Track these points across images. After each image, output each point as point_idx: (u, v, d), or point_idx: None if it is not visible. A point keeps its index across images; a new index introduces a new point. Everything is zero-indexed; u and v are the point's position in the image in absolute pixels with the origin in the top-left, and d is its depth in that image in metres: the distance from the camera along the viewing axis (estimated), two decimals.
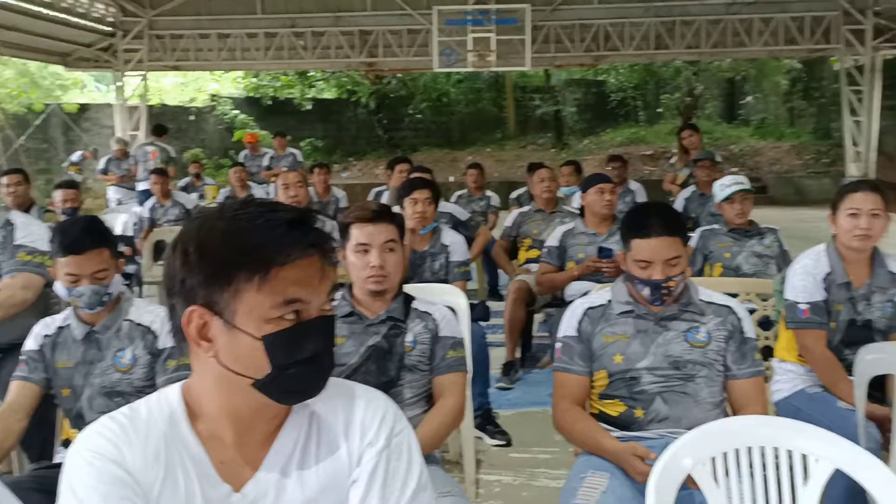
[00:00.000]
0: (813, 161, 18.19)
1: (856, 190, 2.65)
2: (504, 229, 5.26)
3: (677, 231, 2.14)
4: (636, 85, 21.78)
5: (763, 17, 14.88)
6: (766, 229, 4.14)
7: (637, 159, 17.98)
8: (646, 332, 2.18)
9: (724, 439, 1.56)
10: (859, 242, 2.60)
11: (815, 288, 2.64)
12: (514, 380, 4.52)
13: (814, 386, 2.65)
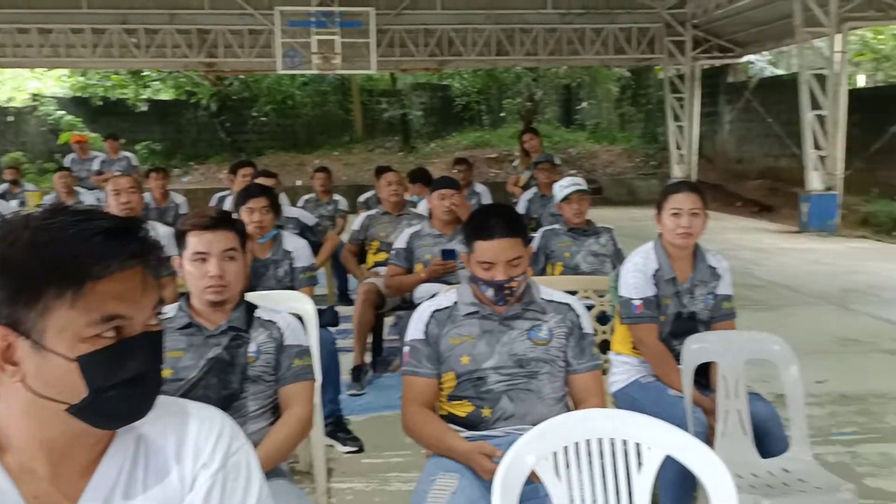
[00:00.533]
0: (642, 163, 19.41)
1: (677, 191, 2.83)
2: (352, 233, 5.22)
3: (518, 232, 2.19)
4: (480, 90, 22.34)
5: (594, 28, 15.70)
6: (601, 228, 4.36)
7: (482, 162, 18.44)
8: (491, 332, 2.22)
9: (563, 434, 1.61)
10: (682, 240, 2.78)
11: (646, 284, 2.80)
12: (365, 384, 4.49)
13: (647, 376, 2.81)
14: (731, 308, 2.88)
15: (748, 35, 15.80)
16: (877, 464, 3.38)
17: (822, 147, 11.92)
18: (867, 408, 4.11)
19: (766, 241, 10.99)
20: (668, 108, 16.90)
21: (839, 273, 8.26)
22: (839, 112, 11.72)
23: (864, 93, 14.35)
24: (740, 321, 2.92)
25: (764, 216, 14.38)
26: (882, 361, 5.01)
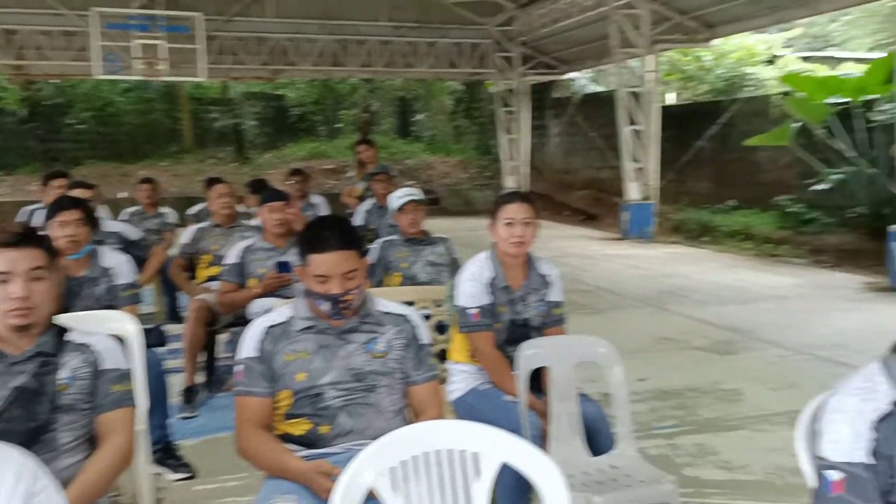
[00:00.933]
0: (477, 174, 19.96)
1: (510, 201, 2.92)
2: (180, 247, 4.97)
3: (353, 244, 2.16)
4: (316, 100, 22.12)
5: (428, 41, 16.00)
6: (438, 238, 4.42)
7: (320, 173, 18.23)
8: (328, 346, 2.17)
9: (401, 448, 1.60)
10: (515, 249, 2.86)
11: (482, 293, 2.86)
12: (197, 406, 4.27)
13: (484, 383, 2.86)
14: (561, 314, 3.00)
15: (571, 53, 16.71)
16: (693, 454, 3.65)
17: (639, 160, 12.80)
18: (684, 402, 4.43)
19: (591, 248, 11.63)
20: (499, 121, 17.53)
21: (656, 277, 8.88)
22: (653, 127, 12.64)
23: (674, 110, 15.55)
24: (570, 325, 3.04)
25: (589, 224, 15.22)
26: (695, 358, 5.43)
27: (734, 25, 12.72)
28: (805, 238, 10.67)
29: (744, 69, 15.83)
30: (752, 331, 6.16)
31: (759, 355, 5.46)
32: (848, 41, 22.03)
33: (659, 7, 12.38)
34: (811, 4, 10.90)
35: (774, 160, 12.35)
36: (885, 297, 7.50)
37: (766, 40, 17.33)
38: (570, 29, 14.75)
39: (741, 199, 13.02)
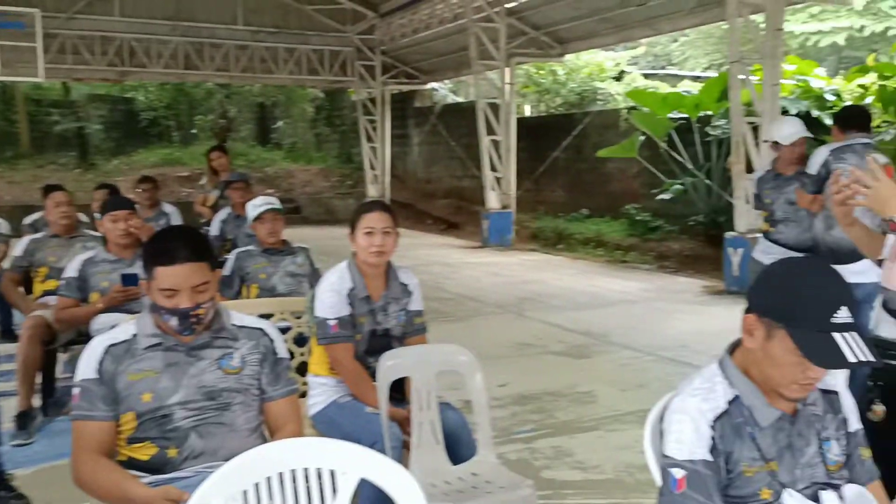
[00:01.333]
0: (339, 183, 19.79)
1: (370, 210, 2.89)
2: (13, 259, 4.59)
3: (203, 256, 2.06)
4: (168, 104, 21.18)
5: (287, 48, 15.72)
6: (298, 248, 4.32)
7: (173, 181, 17.47)
8: (177, 364, 2.06)
9: (254, 469, 1.53)
10: (376, 258, 2.83)
11: (341, 303, 2.81)
12: (33, 432, 3.95)
13: (345, 396, 2.81)
14: (422, 323, 3.00)
15: (432, 64, 16.93)
16: (550, 456, 3.75)
17: (498, 169, 13.13)
18: (542, 405, 4.56)
19: (453, 256, 11.79)
20: (361, 129, 17.47)
21: (516, 283, 9.13)
22: (510, 138, 13.01)
23: (531, 121, 16.10)
24: (432, 333, 3.05)
25: (451, 233, 15.44)
26: (552, 362, 5.60)
27: (584, 42, 13.34)
28: (651, 245, 11.31)
29: (594, 84, 16.63)
30: (604, 334, 6.44)
31: (611, 358, 5.71)
32: (686, 60, 23.64)
33: (515, 22, 12.78)
34: (653, 25, 11.60)
35: (623, 171, 13.03)
36: (721, 299, 8.07)
37: (614, 57, 18.30)
38: (431, 40, 14.95)
39: (593, 208, 13.64)
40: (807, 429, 1.60)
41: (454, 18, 13.45)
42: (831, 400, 1.66)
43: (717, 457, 1.52)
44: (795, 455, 1.57)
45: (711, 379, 1.61)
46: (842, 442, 1.63)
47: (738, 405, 1.57)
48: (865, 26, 18.71)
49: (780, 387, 1.52)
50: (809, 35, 19.26)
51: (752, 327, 1.54)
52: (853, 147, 4.01)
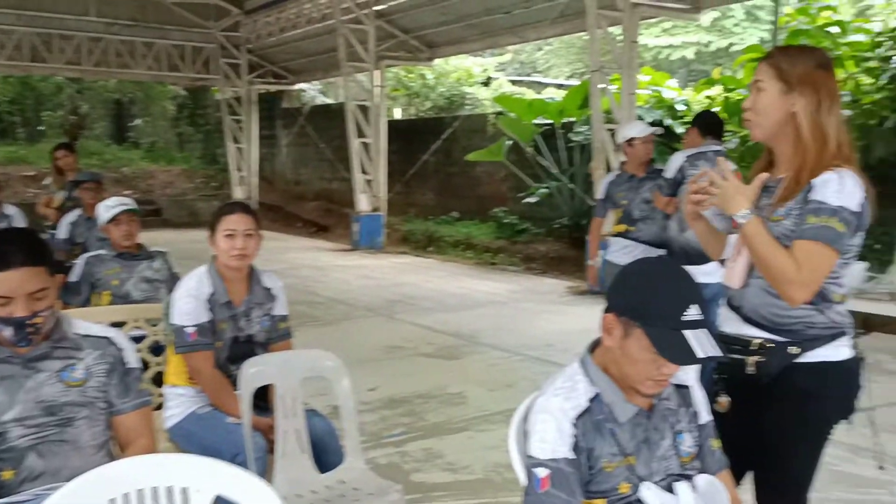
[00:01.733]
0: (203, 185, 19.05)
1: (231, 212, 2.77)
2: None
3: (40, 260, 1.89)
4: (13, 99, 19.71)
5: (145, 42, 14.99)
6: (155, 252, 4.08)
7: (17, 181, 16.22)
8: (12, 377, 1.88)
9: (98, 490, 1.41)
10: (237, 262, 2.72)
11: (200, 310, 2.67)
12: None
13: (204, 406, 2.68)
14: (287, 328, 2.90)
15: (299, 64, 16.63)
16: (420, 459, 3.74)
17: (368, 172, 13.06)
18: (412, 408, 4.54)
19: (323, 259, 11.61)
20: (226, 129, 16.90)
21: (386, 286, 9.09)
22: (381, 140, 12.98)
23: (401, 124, 16.12)
24: (302, 338, 2.97)
25: (321, 235, 15.22)
26: (422, 364, 5.61)
27: (452, 47, 13.51)
28: (519, 247, 11.60)
29: (463, 89, 16.88)
30: (473, 335, 6.52)
31: (480, 358, 5.78)
32: (550, 68, 24.47)
33: (384, 24, 12.76)
34: (518, 33, 11.91)
35: (492, 174, 13.29)
36: (584, 299, 8.36)
37: (482, 63, 18.67)
38: (299, 39, 14.68)
39: (463, 211, 13.83)
40: (662, 423, 1.66)
41: (322, 18, 13.27)
42: (684, 394, 1.73)
43: (580, 454, 1.55)
44: (652, 448, 1.63)
45: (573, 378, 1.65)
46: (694, 434, 1.71)
47: (598, 402, 1.61)
48: (712, 42, 20.04)
49: (636, 383, 1.57)
50: (662, 48, 20.42)
51: (611, 326, 1.58)
52: (706, 154, 4.25)
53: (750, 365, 1.93)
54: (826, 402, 1.95)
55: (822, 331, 1.92)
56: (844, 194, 1.83)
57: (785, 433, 1.95)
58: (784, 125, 1.94)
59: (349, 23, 12.51)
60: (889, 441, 4.03)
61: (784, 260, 1.82)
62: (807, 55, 1.96)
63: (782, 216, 1.90)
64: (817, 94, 1.90)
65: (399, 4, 12.27)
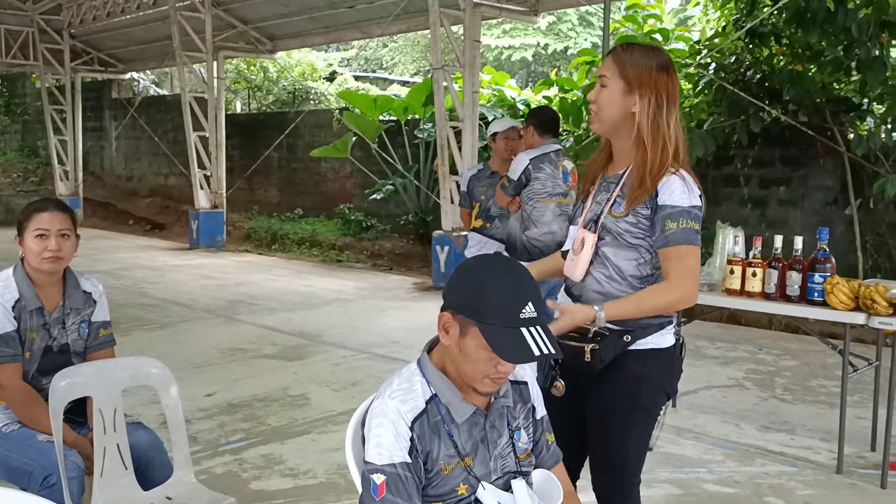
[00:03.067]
0: (21, 179, 17.52)
1: (43, 210, 2.52)
2: None
3: None
4: None
5: None
6: None
7: None
8: None
9: None
10: (50, 265, 2.48)
11: (5, 317, 2.42)
12: None
13: (11, 424, 2.42)
14: (109, 335, 2.68)
15: (130, 52, 15.67)
16: (261, 466, 3.60)
17: (207, 167, 12.52)
18: (252, 412, 4.37)
19: (159, 259, 11.00)
20: (48, 119, 15.61)
21: (227, 286, 8.74)
22: (220, 134, 12.46)
23: (242, 118, 15.55)
24: (134, 344, 2.78)
25: (156, 234, 14.43)
26: (264, 366, 5.42)
27: (295, 41, 13.19)
28: (365, 244, 11.52)
29: (307, 83, 16.55)
30: (318, 334, 6.39)
31: (324, 358, 5.67)
32: (395, 65, 24.55)
33: (222, 13, 12.25)
34: (362, 28, 11.82)
35: (337, 171, 13.13)
36: (429, 295, 8.43)
37: (326, 58, 18.40)
38: (128, 26, 13.83)
39: (308, 208, 13.57)
40: (499, 420, 1.66)
41: (154, 4, 12.54)
42: (521, 390, 1.73)
43: (417, 458, 1.52)
44: (489, 447, 1.62)
45: (410, 378, 1.61)
46: (529, 430, 1.72)
47: (435, 403, 1.58)
48: (549, 44, 20.87)
49: (474, 382, 1.55)
50: (503, 49, 21.03)
51: (448, 325, 1.55)
52: (549, 156, 4.35)
53: (586, 352, 1.99)
54: (654, 385, 2.06)
55: (652, 319, 2.02)
56: (690, 194, 1.95)
57: (619, 416, 2.04)
58: (624, 122, 2.02)
59: (184, 10, 11.92)
60: (708, 422, 4.34)
61: (654, 296, 1.95)
62: (649, 56, 2.03)
63: (623, 213, 1.99)
64: (657, 96, 1.98)
65: None
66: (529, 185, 4.33)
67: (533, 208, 4.32)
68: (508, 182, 4.39)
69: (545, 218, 4.32)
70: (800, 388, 5.07)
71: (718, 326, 6.85)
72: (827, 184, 7.53)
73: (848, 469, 3.64)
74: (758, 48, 7.38)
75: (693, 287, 1.95)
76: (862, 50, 6.33)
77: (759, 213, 7.90)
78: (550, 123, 4.48)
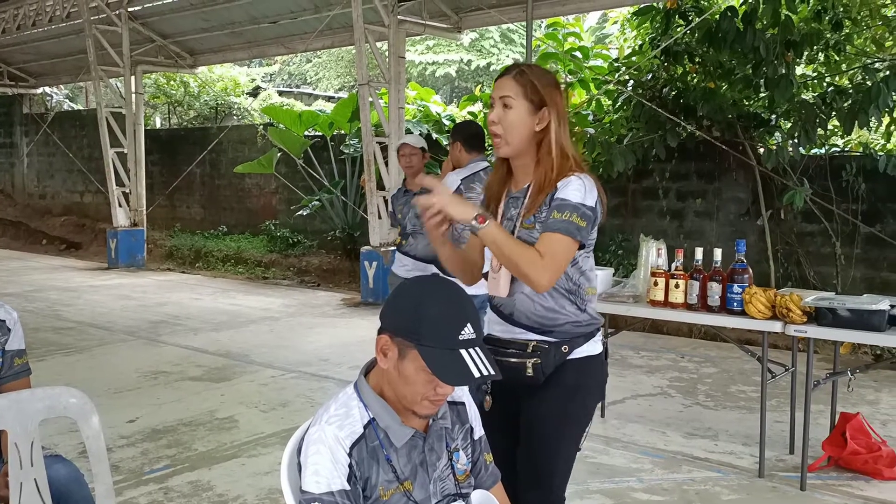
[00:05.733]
0: None
1: None
2: None
3: None
4: None
5: None
6: None
7: None
8: None
9: None
10: None
11: None
12: None
13: None
14: (24, 364, 2.56)
15: (42, 66, 15.12)
16: (187, 493, 3.49)
17: (126, 184, 12.14)
18: (178, 438, 4.24)
19: (75, 280, 10.59)
20: None
21: (149, 306, 8.48)
22: (139, 150, 12.12)
23: (162, 134, 15.16)
24: (49, 370, 2.65)
25: (72, 254, 13.90)
26: (189, 389, 5.27)
27: (216, 55, 12.95)
28: (292, 260, 11.37)
29: (229, 98, 16.26)
30: (246, 354, 6.26)
31: (252, 378, 5.55)
32: (320, 81, 24.39)
33: (140, 27, 11.94)
34: (285, 43, 11.70)
35: (262, 187, 12.92)
36: (358, 311, 8.38)
37: (249, 73, 18.13)
38: (40, 39, 13.33)
39: (232, 224, 13.31)
40: (438, 443, 1.64)
41: (68, 18, 12.14)
42: (459, 411, 1.73)
43: (356, 484, 1.49)
44: (429, 471, 1.60)
45: (347, 403, 1.58)
46: (468, 451, 1.71)
47: (373, 428, 1.55)
48: (472, 60, 21.11)
49: (412, 404, 1.54)
50: (427, 65, 21.16)
51: (386, 348, 1.54)
52: (479, 175, 4.31)
53: (528, 367, 2.03)
54: (589, 392, 2.11)
55: (584, 328, 2.08)
56: (584, 193, 1.98)
57: (553, 426, 2.06)
58: (529, 140, 2.05)
59: (99, 24, 11.57)
60: (636, 431, 4.44)
61: (525, 251, 1.93)
62: (545, 74, 2.09)
63: (532, 224, 2.03)
64: (558, 112, 2.04)
65: (155, 7, 11.52)
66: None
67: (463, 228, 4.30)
68: None
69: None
70: (721, 395, 5.24)
71: (642, 336, 7.03)
72: (740, 196, 7.84)
73: (769, 472, 3.78)
74: (673, 66, 7.65)
75: (552, 276, 1.94)
76: (769, 68, 6.63)
77: (678, 224, 8.16)
78: (477, 139, 4.46)
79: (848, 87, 6.78)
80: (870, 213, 7.12)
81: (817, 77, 7.28)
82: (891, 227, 7.04)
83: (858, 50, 7.09)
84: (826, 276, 7.33)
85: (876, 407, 4.98)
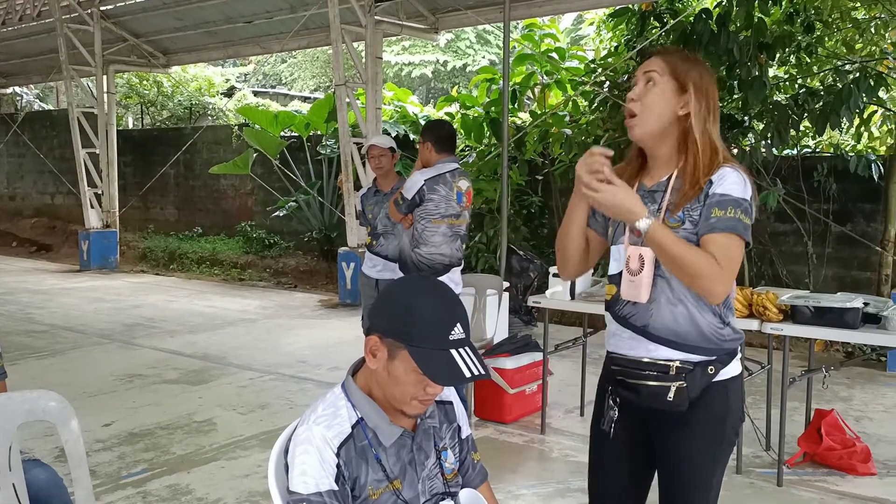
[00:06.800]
0: None
1: None
2: None
3: None
4: None
5: None
6: None
7: None
8: None
9: None
10: None
11: None
12: None
13: None
14: (0, 367, 2.53)
15: (12, 65, 14.89)
16: (165, 497, 3.45)
17: (98, 185, 11.99)
18: (155, 441, 4.19)
19: (47, 283, 10.44)
20: None
21: (123, 309, 8.38)
22: (111, 151, 11.97)
23: (135, 134, 14.99)
24: (22, 374, 2.61)
25: (43, 256, 13.69)
26: (166, 392, 5.21)
27: (190, 55, 12.83)
28: (268, 262, 11.30)
29: (204, 99, 16.13)
30: (223, 357, 6.21)
31: (230, 380, 5.51)
32: (295, 81, 24.26)
33: (112, 26, 11.79)
34: (261, 43, 11.62)
35: (237, 188, 12.83)
36: (336, 312, 8.35)
37: (224, 73, 17.99)
38: (10, 38, 13.12)
39: (208, 226, 13.20)
40: (426, 442, 1.64)
41: (39, 16, 11.96)
42: (446, 410, 1.72)
43: (344, 484, 1.49)
44: (417, 469, 1.60)
45: (335, 403, 1.58)
46: (455, 450, 1.71)
47: (362, 428, 1.55)
48: (448, 61, 21.12)
49: (401, 404, 1.53)
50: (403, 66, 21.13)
51: (375, 348, 1.53)
52: (444, 177, 4.24)
53: (671, 391, 1.82)
54: (735, 418, 1.91)
55: (729, 344, 1.86)
56: (743, 186, 1.79)
57: (705, 459, 1.89)
58: (670, 125, 1.85)
59: (71, 23, 11.42)
60: None
61: (700, 256, 1.73)
62: (700, 62, 1.91)
63: (679, 221, 1.81)
64: (708, 101, 1.86)
65: (128, 6, 11.38)
66: (423, 205, 4.23)
67: (424, 228, 4.24)
68: (402, 200, 4.30)
69: (434, 239, 4.23)
70: None
71: None
72: None
73: (746, 469, 3.82)
74: None
75: (730, 281, 1.75)
76: (743, 70, 6.71)
77: None
78: (448, 140, 4.34)
79: (819, 88, 6.89)
80: (841, 212, 7.25)
81: (789, 79, 7.38)
82: (861, 227, 7.17)
83: (830, 52, 7.20)
84: (798, 274, 7.44)
85: (849, 403, 5.06)
